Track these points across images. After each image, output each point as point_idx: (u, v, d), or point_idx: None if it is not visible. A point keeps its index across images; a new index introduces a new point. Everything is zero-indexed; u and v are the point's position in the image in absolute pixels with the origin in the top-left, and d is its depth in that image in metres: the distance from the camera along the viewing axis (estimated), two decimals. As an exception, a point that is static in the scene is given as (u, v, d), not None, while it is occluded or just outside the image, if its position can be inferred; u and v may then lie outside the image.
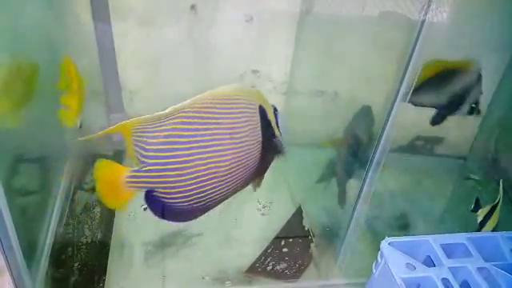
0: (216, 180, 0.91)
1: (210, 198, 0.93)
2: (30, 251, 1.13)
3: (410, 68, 0.94)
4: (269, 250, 1.38)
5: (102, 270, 1.26)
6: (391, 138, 1.04)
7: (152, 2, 1.42)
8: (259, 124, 0.94)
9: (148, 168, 0.88)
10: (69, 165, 1.52)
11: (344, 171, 1.34)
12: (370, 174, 1.09)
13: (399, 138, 1.41)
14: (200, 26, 1.44)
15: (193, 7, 1.41)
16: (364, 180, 1.12)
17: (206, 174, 0.90)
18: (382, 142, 1.04)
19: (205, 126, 0.88)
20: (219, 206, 1.41)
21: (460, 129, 1.74)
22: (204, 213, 0.98)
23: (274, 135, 0.97)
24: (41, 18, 1.29)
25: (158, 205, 0.93)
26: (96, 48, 1.44)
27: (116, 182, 0.90)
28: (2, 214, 0.90)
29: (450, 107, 1.37)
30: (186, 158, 0.88)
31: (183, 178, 0.89)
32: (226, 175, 0.92)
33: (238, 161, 0.92)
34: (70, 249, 1.30)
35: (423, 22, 0.91)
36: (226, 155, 0.90)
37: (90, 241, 1.33)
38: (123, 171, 0.90)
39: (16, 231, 0.96)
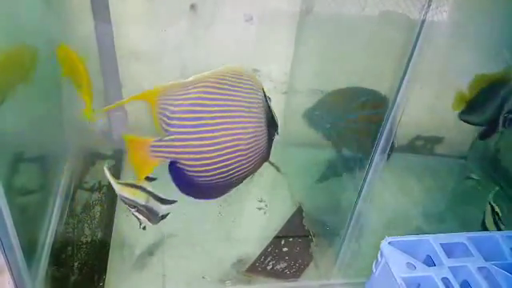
0: (239, 154, 0.90)
1: (233, 172, 0.92)
2: (30, 250, 1.13)
3: (410, 67, 0.94)
4: (269, 250, 1.38)
5: (102, 269, 1.26)
6: (391, 138, 1.04)
7: (152, 2, 1.42)
8: (264, 103, 0.94)
9: (172, 137, 0.87)
10: (69, 164, 1.52)
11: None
12: (370, 173, 1.09)
13: (399, 137, 1.41)
14: (200, 25, 1.44)
15: (192, 7, 1.41)
16: (364, 179, 1.11)
17: (230, 146, 0.89)
18: (383, 141, 1.04)
19: (227, 97, 0.88)
20: (218, 207, 1.42)
21: (460, 128, 1.73)
22: (227, 190, 0.98)
23: (273, 116, 0.97)
24: (40, 16, 1.29)
25: (181, 178, 0.92)
26: (96, 47, 1.44)
27: (142, 152, 0.90)
28: (2, 213, 0.90)
29: (497, 121, 1.37)
30: (210, 128, 0.87)
31: (207, 148, 0.88)
32: (247, 149, 0.91)
33: (256, 136, 0.91)
34: (70, 248, 1.30)
35: (423, 21, 0.90)
36: (247, 128, 0.90)
37: (90, 240, 1.33)
38: (148, 141, 0.89)
39: (16, 230, 0.96)
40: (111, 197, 1.46)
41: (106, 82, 1.51)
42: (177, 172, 0.91)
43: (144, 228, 1.08)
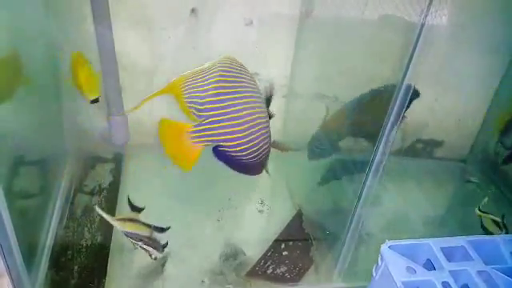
0: (261, 127, 0.93)
1: (261, 149, 0.95)
2: (29, 254, 1.13)
3: (409, 71, 0.94)
4: (269, 254, 1.38)
5: (101, 272, 1.25)
6: (391, 141, 1.04)
7: (152, 6, 1.42)
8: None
9: (207, 121, 0.90)
10: (69, 167, 1.52)
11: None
12: (369, 177, 1.09)
13: (398, 140, 1.41)
14: (200, 29, 1.45)
15: (193, 11, 1.42)
16: (364, 183, 1.11)
17: (256, 125, 0.92)
18: (382, 144, 1.04)
19: (238, 79, 0.92)
20: (218, 211, 1.42)
21: (460, 131, 1.74)
22: (263, 167, 1.02)
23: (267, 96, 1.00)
24: (40, 20, 1.29)
25: (229, 158, 0.95)
26: (96, 51, 1.44)
27: (180, 140, 0.92)
28: (2, 216, 0.90)
29: None
30: (235, 108, 0.90)
31: (238, 128, 0.91)
32: (266, 124, 0.95)
33: (265, 112, 0.95)
34: (69, 252, 1.30)
35: (423, 24, 0.90)
36: (261, 104, 0.94)
37: (89, 243, 1.33)
38: (185, 127, 0.92)
39: (16, 234, 0.96)
40: (111, 200, 1.46)
41: (106, 85, 1.51)
42: (223, 154, 0.94)
43: (155, 258, 1.10)
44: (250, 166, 0.98)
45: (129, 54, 1.48)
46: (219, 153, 0.94)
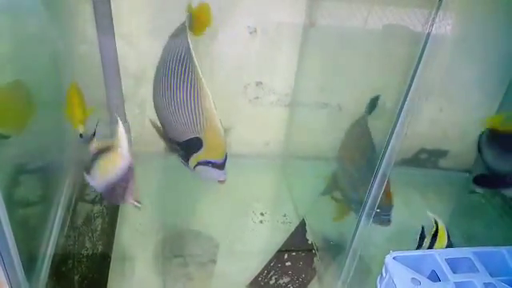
0: None
1: None
2: (29, 263, 1.12)
3: (415, 81, 0.93)
4: (272, 264, 1.37)
5: (102, 282, 1.24)
6: (396, 152, 1.03)
7: (155, 14, 1.42)
8: None
9: None
10: (70, 176, 1.51)
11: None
12: (374, 187, 1.08)
13: (403, 150, 1.41)
14: (204, 37, 1.44)
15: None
16: (368, 193, 1.11)
17: None
18: (387, 155, 1.03)
19: None
20: (221, 218, 1.41)
21: (464, 142, 1.73)
22: None
23: None
24: (43, 30, 1.30)
25: None
26: (99, 59, 1.44)
27: None
28: (2, 225, 0.90)
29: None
30: None
31: None
32: None
33: None
34: (70, 261, 1.29)
35: (429, 34, 0.90)
36: None
37: (90, 253, 1.32)
38: None
39: (16, 243, 0.95)
40: (113, 209, 1.45)
41: (108, 95, 1.51)
42: None
43: None
44: None
45: (131, 62, 1.48)
46: None
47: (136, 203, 1.00)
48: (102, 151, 1.02)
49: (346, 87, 1.48)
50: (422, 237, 1.23)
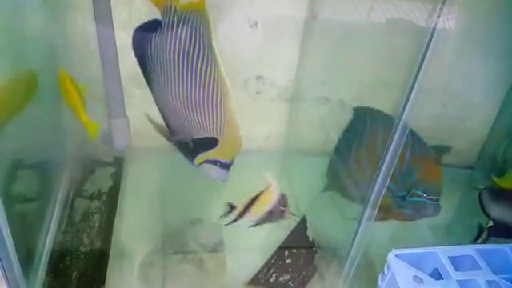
0: None
1: None
2: (27, 260, 1.12)
3: (420, 75, 0.92)
4: (272, 261, 1.36)
5: (100, 279, 1.24)
6: (400, 148, 1.02)
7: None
8: None
9: None
10: (68, 171, 1.50)
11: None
12: (377, 183, 1.07)
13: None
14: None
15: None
16: (371, 189, 1.10)
17: None
18: (390, 151, 1.02)
19: None
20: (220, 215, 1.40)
21: (467, 138, 1.72)
22: None
23: None
24: (42, 23, 1.29)
25: None
26: (98, 53, 1.42)
27: None
28: (-1, 221, 0.89)
29: None
30: None
31: None
32: None
33: None
34: (68, 257, 1.28)
35: (434, 29, 0.89)
36: None
37: (88, 249, 1.31)
38: None
39: (13, 239, 0.94)
40: (111, 205, 1.45)
41: (107, 89, 1.49)
42: None
43: None
44: None
45: (131, 57, 1.47)
46: None
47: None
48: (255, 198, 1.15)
49: (348, 82, 1.47)
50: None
